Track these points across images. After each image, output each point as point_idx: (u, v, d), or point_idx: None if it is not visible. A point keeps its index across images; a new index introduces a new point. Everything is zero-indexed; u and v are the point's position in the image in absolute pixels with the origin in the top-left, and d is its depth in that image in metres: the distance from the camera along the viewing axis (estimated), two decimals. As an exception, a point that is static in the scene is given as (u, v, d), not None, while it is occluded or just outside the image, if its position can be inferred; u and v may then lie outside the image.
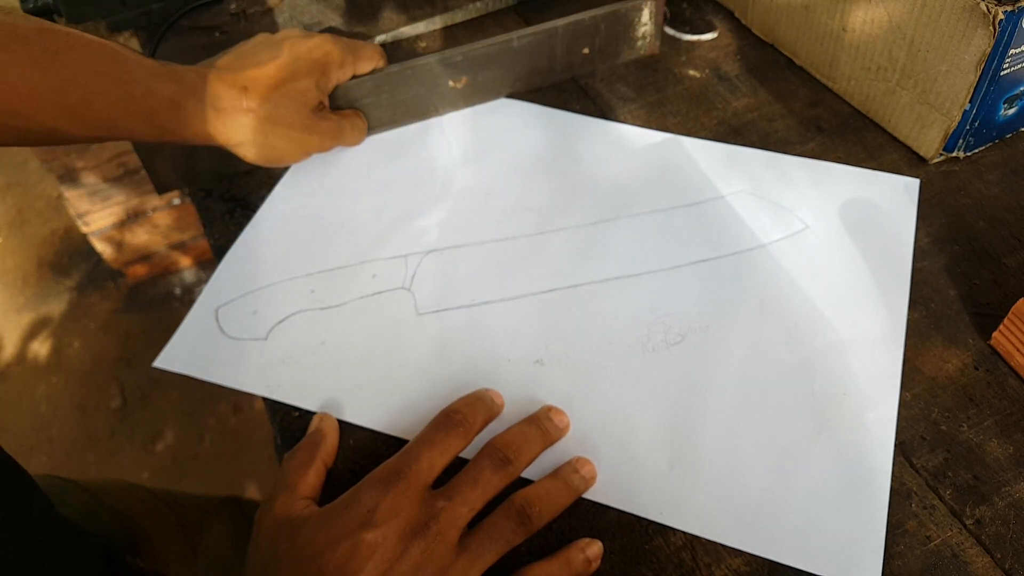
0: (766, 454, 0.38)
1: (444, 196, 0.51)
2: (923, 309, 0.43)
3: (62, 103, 0.40)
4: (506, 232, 0.49)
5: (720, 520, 0.36)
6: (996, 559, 0.34)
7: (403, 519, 0.33)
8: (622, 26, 0.57)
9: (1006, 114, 0.48)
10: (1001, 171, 0.50)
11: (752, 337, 0.42)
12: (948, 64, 0.45)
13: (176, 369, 0.43)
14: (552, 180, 0.52)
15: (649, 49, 0.57)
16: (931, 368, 0.41)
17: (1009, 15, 0.41)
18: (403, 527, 0.32)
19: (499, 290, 0.46)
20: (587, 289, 0.45)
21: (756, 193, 0.50)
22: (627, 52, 0.58)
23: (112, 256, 1.48)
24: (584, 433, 0.39)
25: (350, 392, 0.42)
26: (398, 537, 0.32)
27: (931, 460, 0.37)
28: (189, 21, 0.67)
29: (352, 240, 0.49)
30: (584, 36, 0.56)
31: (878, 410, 0.39)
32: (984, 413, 0.39)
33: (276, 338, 0.44)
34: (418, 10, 0.66)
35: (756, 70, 0.58)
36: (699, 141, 0.53)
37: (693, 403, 0.40)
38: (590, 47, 0.57)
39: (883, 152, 0.51)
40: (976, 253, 0.45)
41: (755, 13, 0.60)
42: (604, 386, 0.41)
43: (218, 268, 0.48)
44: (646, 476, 0.37)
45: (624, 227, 0.48)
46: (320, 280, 0.47)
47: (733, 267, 0.46)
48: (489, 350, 0.43)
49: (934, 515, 0.36)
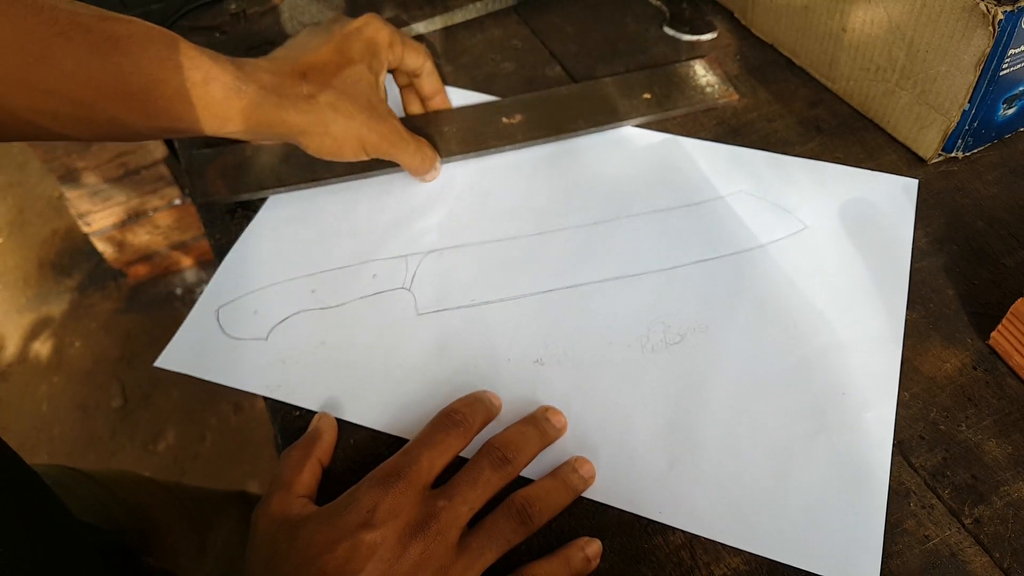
0: (765, 453, 0.38)
1: (444, 197, 0.51)
2: (922, 309, 0.43)
3: (124, 91, 0.39)
4: (506, 232, 0.49)
5: (719, 519, 0.36)
6: (995, 558, 0.34)
7: (403, 519, 0.33)
8: (678, 78, 0.57)
9: (1005, 114, 0.48)
10: (1000, 171, 0.50)
11: (751, 337, 0.42)
12: (947, 64, 0.45)
13: (177, 369, 0.43)
14: (552, 180, 0.52)
15: (724, 95, 0.55)
16: (930, 368, 0.41)
17: (1009, 15, 0.41)
18: (403, 527, 0.32)
19: (499, 290, 0.46)
20: (587, 289, 0.45)
21: (756, 194, 0.50)
22: (698, 99, 0.55)
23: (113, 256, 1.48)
24: (583, 432, 0.39)
25: (350, 392, 0.42)
26: (398, 537, 0.32)
27: (930, 460, 0.37)
28: (189, 21, 0.68)
29: (352, 240, 0.49)
30: (637, 87, 0.56)
31: (877, 410, 0.39)
32: (983, 413, 0.39)
33: (277, 338, 0.44)
34: (418, 10, 0.66)
35: (755, 70, 0.58)
36: (699, 142, 0.53)
37: (692, 403, 0.40)
38: (651, 93, 0.56)
39: (882, 152, 0.52)
40: (975, 253, 0.46)
41: (755, 13, 0.60)
42: (604, 386, 0.41)
43: (219, 268, 0.48)
44: (645, 475, 0.37)
45: (624, 227, 0.49)
46: (321, 280, 0.47)
47: (733, 267, 0.46)
48: (489, 350, 0.43)
49: (933, 514, 0.36)
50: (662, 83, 0.56)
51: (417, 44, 0.52)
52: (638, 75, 0.57)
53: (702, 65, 0.57)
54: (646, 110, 0.55)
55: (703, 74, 0.57)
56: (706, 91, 0.56)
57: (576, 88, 0.57)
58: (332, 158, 0.48)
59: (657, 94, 0.56)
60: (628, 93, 0.56)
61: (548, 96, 0.56)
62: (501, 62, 0.61)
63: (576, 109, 0.55)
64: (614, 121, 0.54)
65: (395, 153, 0.49)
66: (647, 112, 0.55)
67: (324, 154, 0.47)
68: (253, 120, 0.44)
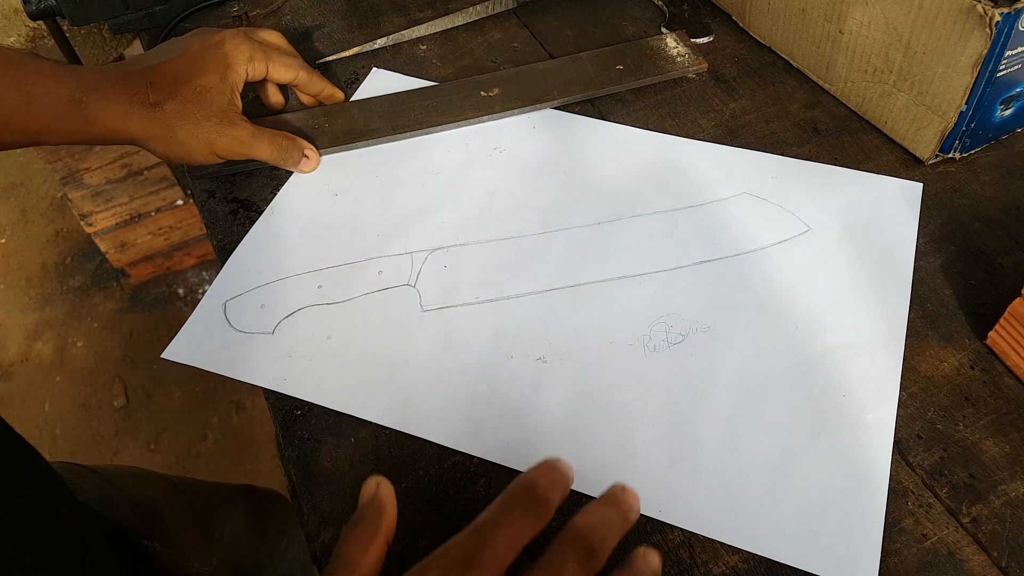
0: (765, 453, 0.38)
1: (449, 195, 0.52)
2: (919, 309, 0.43)
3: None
4: (510, 231, 0.49)
5: (718, 518, 0.36)
6: (992, 557, 0.34)
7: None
8: (650, 50, 0.59)
9: (1002, 115, 0.48)
10: (997, 172, 0.50)
11: (753, 338, 0.43)
12: (944, 66, 0.46)
13: (184, 360, 0.44)
14: (556, 180, 0.52)
15: (694, 64, 0.58)
16: (927, 367, 0.41)
17: (1005, 17, 0.41)
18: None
19: (502, 288, 0.46)
20: (590, 288, 0.46)
21: (760, 196, 0.50)
22: (669, 68, 0.58)
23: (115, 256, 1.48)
24: (584, 431, 0.40)
25: (354, 387, 0.42)
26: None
27: (927, 459, 0.38)
28: (192, 23, 0.68)
29: (359, 237, 0.50)
30: (611, 59, 0.59)
31: (877, 412, 0.39)
32: (980, 412, 0.39)
33: (283, 332, 0.45)
34: (419, 13, 0.66)
35: (753, 72, 0.58)
36: (702, 143, 0.54)
37: (693, 402, 0.40)
38: (623, 65, 0.58)
39: (880, 153, 0.52)
40: (972, 253, 0.46)
41: (752, 16, 0.60)
42: (605, 384, 0.41)
43: (227, 263, 0.49)
44: (646, 474, 0.38)
45: (627, 228, 0.49)
46: (327, 276, 0.48)
47: (736, 268, 0.46)
48: (492, 347, 0.43)
49: (930, 513, 0.36)
50: (635, 55, 0.59)
51: (288, 60, 0.54)
52: (611, 49, 0.60)
53: (673, 38, 0.60)
54: (619, 80, 0.57)
55: (674, 46, 0.60)
56: (677, 61, 0.58)
57: (552, 63, 0.59)
58: (182, 162, 0.50)
59: (630, 65, 0.58)
60: (602, 65, 0.58)
61: (525, 71, 0.59)
62: (501, 64, 0.61)
63: (551, 81, 0.57)
64: (588, 91, 0.57)
65: (248, 152, 0.51)
66: (620, 82, 0.57)
67: (172, 158, 0.49)
68: (96, 129, 0.45)
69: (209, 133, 0.49)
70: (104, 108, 0.45)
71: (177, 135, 0.48)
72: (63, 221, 1.69)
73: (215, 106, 0.49)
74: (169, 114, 0.47)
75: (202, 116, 0.48)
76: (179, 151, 0.49)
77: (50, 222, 1.70)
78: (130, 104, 0.46)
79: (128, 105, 0.46)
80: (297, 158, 0.53)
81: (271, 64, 0.52)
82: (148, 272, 1.55)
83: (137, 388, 1.41)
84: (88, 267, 1.60)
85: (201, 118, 0.48)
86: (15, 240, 1.68)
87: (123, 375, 1.43)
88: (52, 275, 1.61)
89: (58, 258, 1.63)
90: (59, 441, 1.36)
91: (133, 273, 1.55)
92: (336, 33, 0.65)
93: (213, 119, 0.48)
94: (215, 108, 0.49)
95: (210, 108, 0.48)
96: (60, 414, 1.39)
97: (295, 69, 0.54)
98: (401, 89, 0.58)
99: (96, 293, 1.56)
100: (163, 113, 0.47)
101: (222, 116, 0.49)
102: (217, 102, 0.49)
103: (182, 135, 0.48)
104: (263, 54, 0.52)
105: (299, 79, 0.54)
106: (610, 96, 0.57)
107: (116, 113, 0.45)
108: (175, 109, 0.47)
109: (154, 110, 0.46)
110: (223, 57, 0.49)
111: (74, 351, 1.48)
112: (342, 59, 0.63)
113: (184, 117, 0.47)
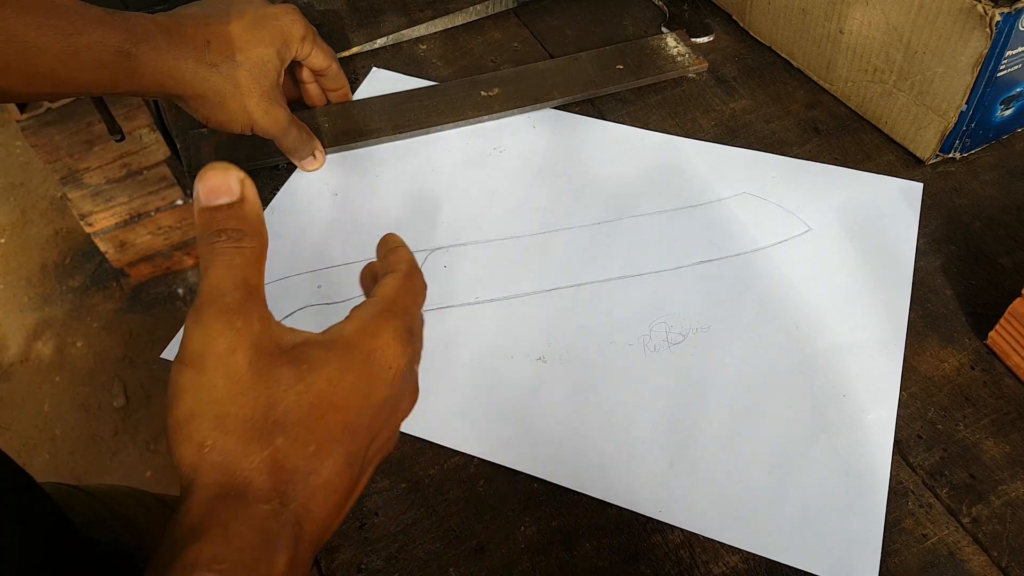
0: (765, 453, 0.38)
1: (449, 195, 0.52)
2: (920, 309, 0.43)
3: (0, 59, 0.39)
4: (510, 231, 0.49)
5: (719, 518, 0.36)
6: (992, 557, 0.34)
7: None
8: (650, 50, 0.59)
9: (1002, 115, 0.48)
10: (997, 172, 0.50)
11: (753, 338, 0.43)
12: (945, 66, 0.46)
13: None
14: (556, 181, 0.52)
15: (694, 63, 0.58)
16: (928, 367, 0.41)
17: (1006, 17, 0.41)
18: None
19: (503, 288, 0.46)
20: (590, 288, 0.46)
21: (760, 196, 0.50)
22: (669, 67, 0.58)
23: (115, 256, 1.48)
24: (584, 430, 0.40)
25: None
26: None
27: (928, 459, 0.38)
28: (192, 23, 0.68)
29: (358, 237, 0.50)
30: (611, 59, 0.59)
31: (877, 412, 0.39)
32: (980, 412, 0.39)
33: (280, 337, 0.45)
34: (419, 13, 0.66)
35: (754, 72, 0.58)
36: (702, 143, 0.54)
37: (693, 402, 0.40)
38: (623, 64, 0.58)
39: (880, 153, 0.52)
40: (972, 253, 0.46)
41: (753, 16, 0.60)
42: (605, 384, 0.41)
43: None
44: (646, 474, 0.38)
45: (627, 228, 0.49)
46: (327, 276, 0.47)
47: (736, 268, 0.46)
48: (492, 347, 0.43)
49: (931, 513, 0.36)
50: (635, 54, 0.59)
51: (327, 48, 0.53)
52: (611, 48, 0.60)
53: (673, 38, 0.60)
54: (619, 79, 0.57)
55: (674, 45, 0.60)
56: (677, 60, 0.58)
57: (552, 62, 0.59)
58: (217, 127, 0.48)
59: (630, 64, 0.58)
60: (602, 64, 0.58)
61: (525, 70, 0.59)
62: (501, 64, 0.61)
63: (551, 81, 0.57)
64: (589, 91, 0.57)
65: (279, 136, 0.50)
66: (620, 81, 0.57)
67: (211, 123, 0.47)
68: (144, 82, 0.43)
69: (256, 108, 0.47)
70: (155, 61, 0.43)
71: (227, 102, 0.46)
72: (63, 221, 1.69)
73: (268, 82, 0.47)
74: (225, 78, 0.45)
75: (256, 89, 0.47)
76: (222, 117, 0.47)
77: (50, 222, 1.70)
78: (184, 60, 0.44)
79: (183, 61, 0.44)
80: (307, 155, 0.53)
81: (316, 48, 0.51)
82: (148, 272, 1.55)
83: (137, 388, 1.41)
84: (88, 267, 1.60)
85: (255, 91, 0.46)
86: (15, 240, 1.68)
87: (123, 375, 1.43)
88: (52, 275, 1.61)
89: (58, 258, 1.63)
90: (59, 441, 1.36)
91: (133, 273, 1.54)
92: (336, 33, 0.65)
93: (264, 95, 0.47)
94: (268, 84, 0.47)
95: (264, 83, 0.47)
96: (60, 414, 1.39)
97: (331, 58, 0.53)
98: (401, 89, 0.58)
99: (96, 293, 1.56)
100: (219, 76, 0.45)
101: (271, 94, 0.48)
102: (270, 78, 0.47)
103: (232, 104, 0.46)
104: (313, 35, 0.50)
105: (331, 69, 0.54)
106: (610, 96, 0.57)
107: (167, 67, 0.43)
108: (232, 75, 0.45)
109: (210, 70, 0.45)
110: (280, 31, 0.48)
111: (74, 351, 1.48)
112: (342, 59, 0.62)
113: (238, 86, 0.46)
